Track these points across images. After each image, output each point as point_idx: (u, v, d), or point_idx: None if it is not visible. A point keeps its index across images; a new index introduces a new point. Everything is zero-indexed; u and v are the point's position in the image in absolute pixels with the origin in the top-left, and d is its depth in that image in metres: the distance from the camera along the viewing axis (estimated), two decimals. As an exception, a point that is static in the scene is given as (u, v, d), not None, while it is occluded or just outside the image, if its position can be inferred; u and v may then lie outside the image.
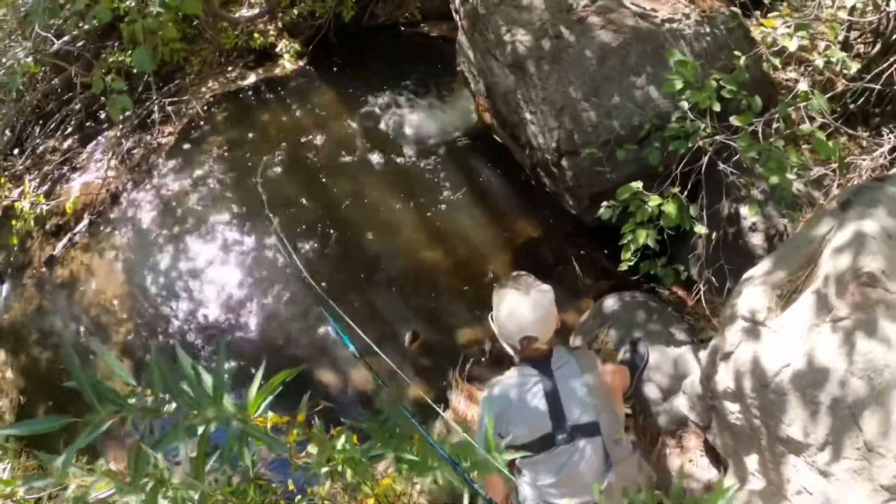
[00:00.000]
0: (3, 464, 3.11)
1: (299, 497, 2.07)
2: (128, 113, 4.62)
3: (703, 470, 2.62)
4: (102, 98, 4.83)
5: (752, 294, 1.99)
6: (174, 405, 1.31)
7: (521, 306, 2.00)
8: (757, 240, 2.98)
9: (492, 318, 2.12)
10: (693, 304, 3.17)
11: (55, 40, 3.83)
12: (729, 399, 2.07)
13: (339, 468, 1.66)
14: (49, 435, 1.59)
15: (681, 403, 2.59)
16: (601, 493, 1.60)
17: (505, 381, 2.07)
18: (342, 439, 1.68)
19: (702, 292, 2.85)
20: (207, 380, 1.33)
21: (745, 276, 2.15)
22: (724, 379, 2.04)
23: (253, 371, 3.34)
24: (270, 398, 1.38)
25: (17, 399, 3.75)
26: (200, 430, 1.30)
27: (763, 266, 2.12)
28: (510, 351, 2.11)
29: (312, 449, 1.76)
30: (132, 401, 1.29)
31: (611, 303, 3.19)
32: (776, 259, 2.09)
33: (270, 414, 1.62)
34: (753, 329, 1.93)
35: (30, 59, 3.15)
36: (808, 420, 1.74)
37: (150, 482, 1.56)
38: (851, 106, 3.14)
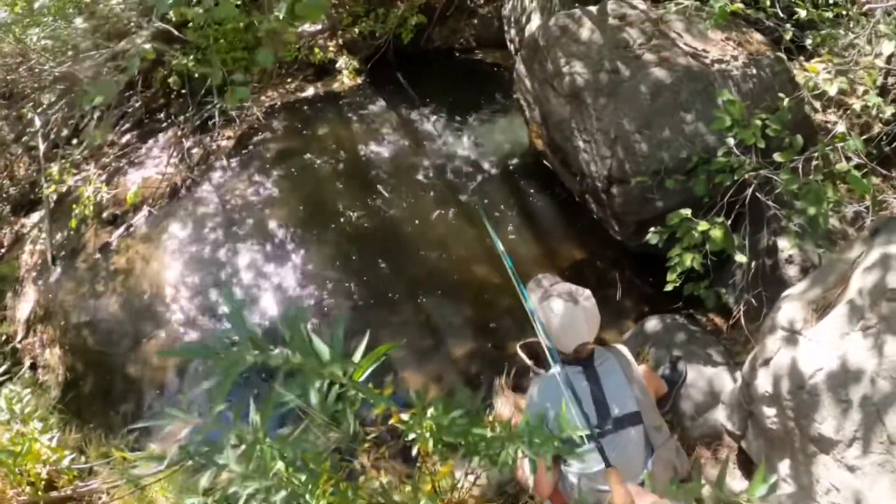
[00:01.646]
0: (50, 433, 3.44)
1: (363, 477, 2.38)
2: (188, 114, 5.11)
3: (735, 480, 2.96)
4: (162, 100, 5.34)
5: (791, 307, 2.39)
6: (297, 360, 1.61)
7: (576, 317, 2.31)
8: (793, 271, 3.35)
9: (534, 321, 2.36)
10: (729, 330, 3.55)
11: (174, 31, 4.29)
12: (766, 403, 2.44)
13: (428, 433, 1.98)
14: (92, 411, 1.87)
15: (718, 414, 2.95)
16: (649, 477, 1.95)
17: (549, 375, 2.36)
18: (433, 408, 2.01)
19: (741, 315, 3.23)
20: (321, 347, 1.61)
21: (784, 294, 2.55)
22: (763, 383, 2.42)
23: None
24: (375, 365, 1.70)
25: (64, 375, 4.09)
26: (318, 384, 1.62)
27: (800, 286, 2.52)
28: (554, 355, 2.34)
29: (405, 415, 2.09)
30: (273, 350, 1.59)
31: (653, 324, 3.56)
32: (812, 279, 2.49)
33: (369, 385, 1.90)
34: (791, 338, 2.32)
35: (148, 45, 3.61)
36: (839, 417, 2.11)
37: (250, 438, 1.88)
38: (886, 149, 3.53)
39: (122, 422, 3.69)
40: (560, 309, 2.35)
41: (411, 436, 1.95)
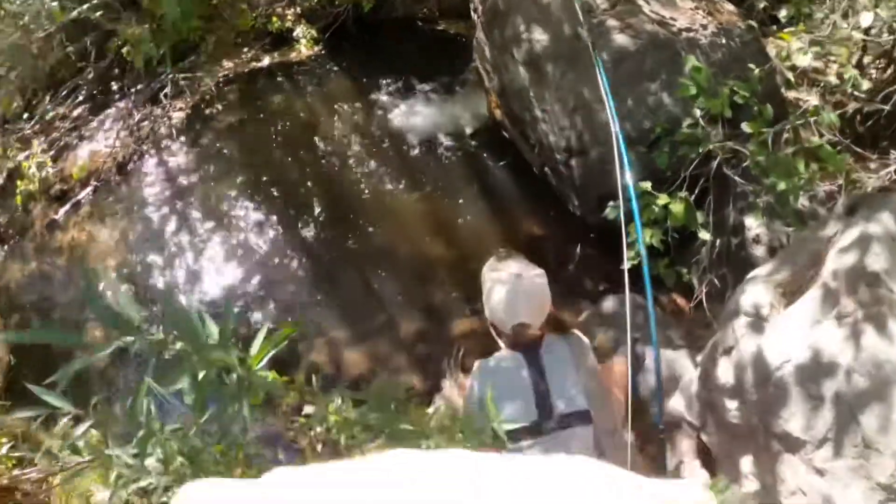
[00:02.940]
0: (-15, 423, 3.10)
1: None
2: (140, 86, 4.66)
3: (694, 472, 2.63)
4: (116, 70, 4.88)
5: (756, 290, 2.03)
6: (178, 346, 1.30)
7: (515, 292, 1.96)
8: (760, 251, 3.01)
9: (484, 302, 2.07)
10: (691, 311, 3.21)
11: None
12: (727, 395, 2.09)
13: (334, 430, 1.66)
14: (37, 397, 1.59)
15: (676, 403, 2.61)
16: None
17: (496, 363, 2.03)
18: (338, 400, 1.68)
19: (703, 296, 2.88)
20: (213, 328, 1.34)
21: (750, 275, 2.19)
22: (725, 374, 2.07)
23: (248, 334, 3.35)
24: (273, 352, 1.38)
25: (6, 360, 3.73)
26: (202, 374, 1.31)
27: (767, 266, 2.16)
28: (498, 339, 2.07)
29: (309, 409, 1.76)
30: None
31: (610, 304, 3.22)
32: (781, 259, 2.13)
33: (271, 373, 1.60)
34: (756, 324, 1.96)
35: (55, 3, 3.18)
36: (808, 415, 1.77)
37: (143, 431, 1.56)
38: (861, 128, 3.20)
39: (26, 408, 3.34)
40: (498, 281, 2.01)
41: (317, 429, 1.64)
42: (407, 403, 1.65)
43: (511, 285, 1.97)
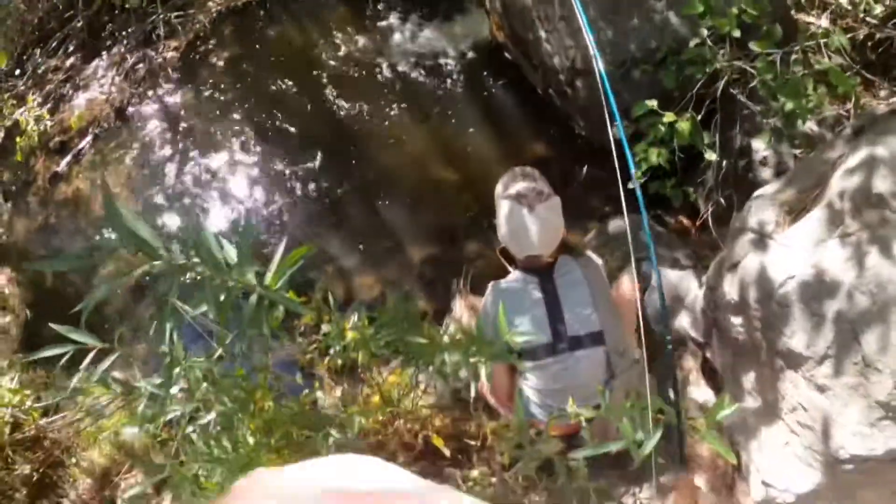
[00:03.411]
0: (10, 375, 3.22)
1: (307, 391, 2.14)
2: (132, 28, 4.54)
3: (699, 389, 2.76)
4: (105, 17, 4.73)
5: (762, 208, 2.07)
6: (199, 269, 1.27)
7: (527, 225, 1.99)
8: (766, 174, 3.02)
9: (497, 223, 2.11)
10: (697, 232, 3.26)
11: None
12: (732, 311, 2.18)
13: (351, 348, 1.73)
14: (55, 344, 1.64)
15: (682, 321, 2.71)
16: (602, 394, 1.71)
17: (509, 284, 2.09)
18: (355, 317, 1.74)
19: (709, 216, 2.93)
20: (231, 251, 1.34)
21: (756, 193, 2.22)
22: (729, 290, 2.14)
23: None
24: (291, 271, 1.39)
25: (23, 315, 3.82)
26: (223, 296, 1.31)
27: (774, 185, 2.20)
28: (508, 264, 2.15)
29: (326, 327, 1.83)
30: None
31: (616, 224, 3.27)
32: (787, 179, 2.17)
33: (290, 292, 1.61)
34: (761, 241, 2.02)
35: None
36: (810, 332, 1.85)
37: (167, 360, 1.62)
38: (871, 55, 3.13)
39: (83, 354, 3.45)
40: (510, 213, 2.02)
41: (335, 348, 1.72)
42: (420, 320, 1.71)
43: (522, 217, 1.99)
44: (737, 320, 2.20)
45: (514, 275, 2.13)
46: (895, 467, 1.71)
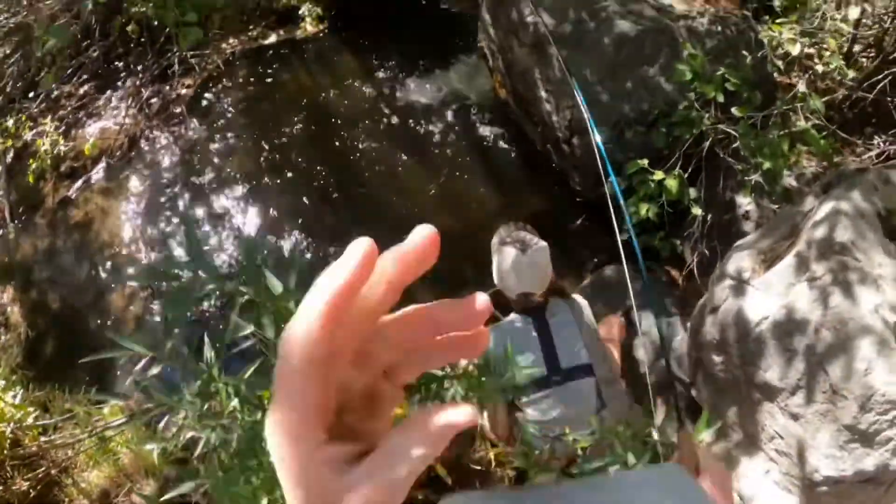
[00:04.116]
0: (13, 391, 3.36)
1: None
2: (147, 62, 4.86)
3: (684, 426, 2.98)
4: (120, 49, 5.07)
5: (740, 257, 2.37)
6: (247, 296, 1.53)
7: (520, 265, 2.28)
8: (749, 227, 3.34)
9: (493, 270, 2.38)
10: (683, 281, 3.55)
11: None
12: (713, 350, 2.44)
13: None
14: (56, 367, 1.82)
15: (671, 363, 2.97)
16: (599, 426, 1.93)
17: (509, 321, 2.37)
18: None
19: (694, 266, 3.22)
20: (274, 281, 1.59)
21: (736, 244, 2.53)
22: (711, 330, 2.41)
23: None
24: None
25: (25, 333, 3.97)
26: (270, 317, 1.57)
27: (752, 237, 2.51)
28: (509, 300, 2.40)
29: None
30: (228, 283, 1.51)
31: (609, 273, 3.55)
32: (763, 231, 2.47)
33: None
34: (739, 286, 2.30)
35: None
36: (783, 366, 2.12)
37: (205, 375, 1.82)
38: (848, 114, 3.50)
39: (86, 376, 3.60)
40: (506, 255, 2.31)
41: None
42: None
43: (516, 258, 2.28)
44: (718, 358, 2.47)
45: (512, 316, 2.41)
46: (864, 487, 1.94)
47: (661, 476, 0.51)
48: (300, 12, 5.00)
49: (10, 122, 4.61)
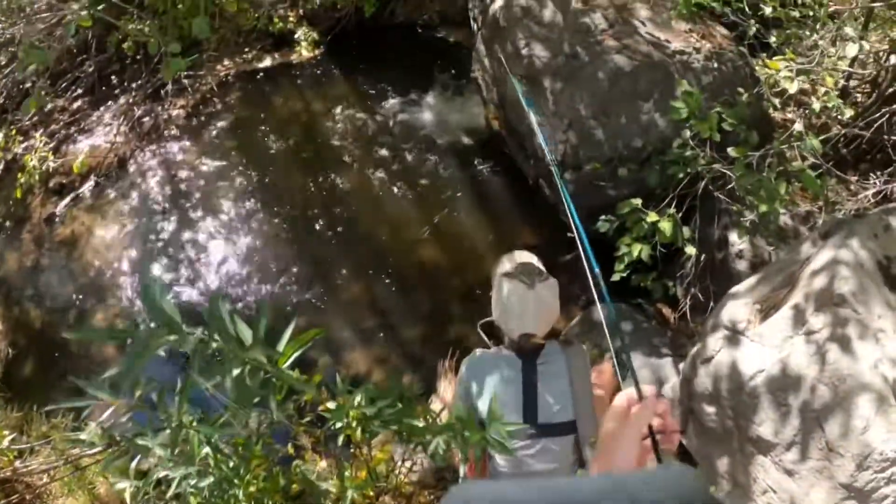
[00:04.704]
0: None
1: (297, 462, 2.24)
2: (141, 81, 4.78)
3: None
4: (117, 65, 5.00)
5: (735, 306, 2.26)
6: (215, 346, 1.46)
7: (525, 302, 2.00)
8: (742, 266, 3.25)
9: (493, 301, 2.11)
10: (676, 322, 3.44)
11: None
12: (706, 401, 2.32)
13: (353, 424, 1.84)
14: (35, 388, 1.74)
15: (659, 408, 2.84)
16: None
17: (490, 355, 2.10)
18: (359, 396, 1.86)
19: (687, 308, 3.11)
20: (244, 330, 1.50)
21: (731, 291, 2.42)
22: (703, 381, 2.29)
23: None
24: (300, 351, 1.55)
25: (5, 351, 3.84)
26: (236, 371, 1.48)
27: (747, 283, 2.39)
28: (488, 339, 2.25)
29: (331, 404, 1.94)
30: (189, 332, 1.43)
31: (599, 312, 3.43)
32: (760, 278, 2.36)
33: (296, 371, 1.73)
34: (733, 337, 2.19)
35: (84, 13, 3.31)
36: (778, 421, 2.00)
37: (174, 423, 1.74)
38: (844, 151, 3.44)
39: (64, 398, 3.46)
40: (511, 289, 2.03)
41: (337, 424, 1.82)
42: (415, 402, 1.82)
43: (523, 294, 2.01)
44: (710, 409, 2.34)
45: (495, 350, 2.15)
46: (858, 552, 1.82)
47: (666, 476, 0.55)
48: (296, 36, 4.95)
49: (0, 135, 4.52)
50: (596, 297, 1.69)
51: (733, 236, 3.20)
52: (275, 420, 1.82)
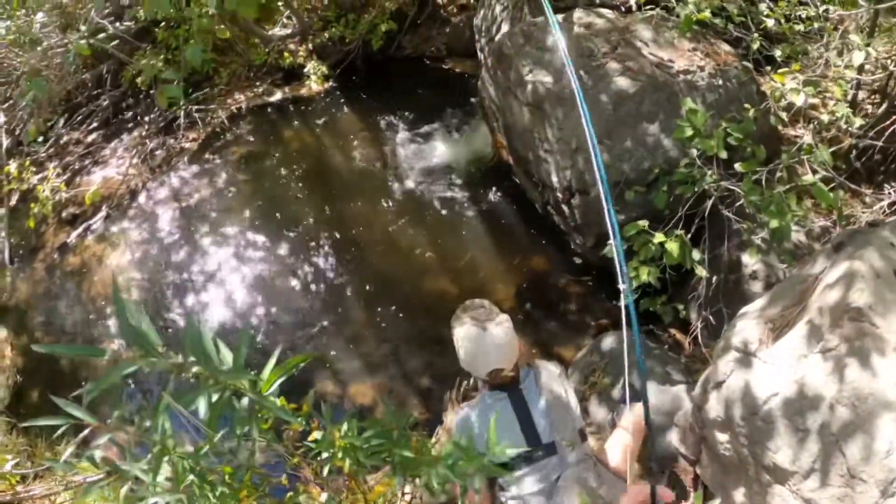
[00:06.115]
0: (-5, 436, 3.16)
1: (290, 494, 2.11)
2: (154, 115, 4.83)
3: (690, 506, 2.66)
4: (131, 99, 5.07)
5: (746, 326, 2.10)
6: (195, 369, 1.38)
7: (482, 343, 2.07)
8: (757, 287, 3.08)
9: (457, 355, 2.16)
10: (690, 346, 3.27)
11: (110, 27, 4.04)
12: (718, 428, 2.15)
13: (339, 455, 1.72)
14: (41, 415, 1.66)
15: (672, 437, 2.66)
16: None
17: (476, 407, 2.14)
18: (346, 426, 1.75)
19: (699, 331, 2.95)
20: (227, 354, 1.41)
21: (741, 311, 2.26)
22: (715, 407, 2.13)
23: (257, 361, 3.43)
24: (283, 378, 1.46)
25: (14, 378, 3.82)
26: (216, 396, 1.39)
27: (758, 303, 2.24)
28: (478, 381, 2.20)
29: (317, 434, 1.83)
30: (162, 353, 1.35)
31: (609, 341, 3.27)
32: (772, 296, 2.21)
33: (280, 399, 1.65)
34: (745, 359, 2.03)
35: (83, 41, 3.35)
36: (795, 447, 1.83)
37: (157, 448, 1.64)
38: (856, 164, 3.28)
39: (70, 426, 3.39)
40: (465, 335, 2.10)
41: (324, 455, 1.71)
42: (409, 433, 1.71)
43: (477, 339, 2.07)
44: (723, 437, 2.17)
45: (482, 393, 2.16)
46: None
47: None
48: (306, 70, 4.97)
49: (14, 167, 4.59)
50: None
51: (746, 257, 3.05)
52: (256, 450, 1.71)
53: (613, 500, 2.02)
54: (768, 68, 3.53)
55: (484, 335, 2.07)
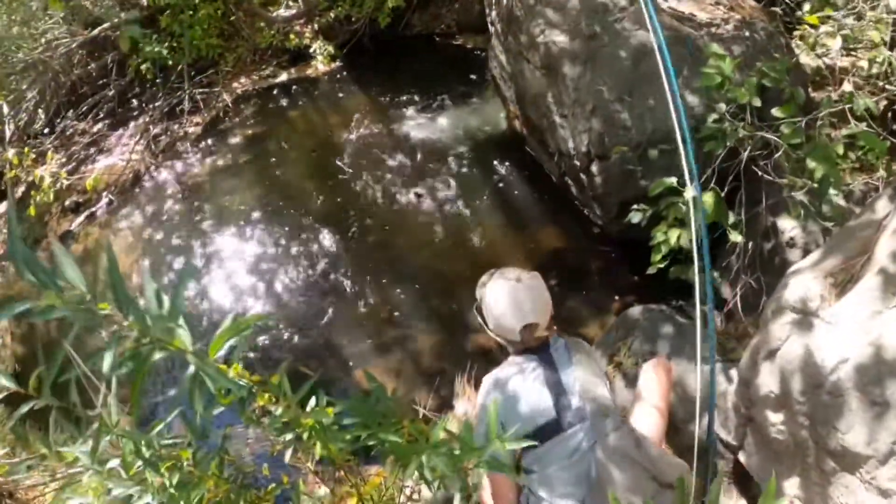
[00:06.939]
0: (-11, 427, 2.94)
1: (272, 485, 1.79)
2: (158, 101, 4.57)
3: (730, 500, 2.27)
4: (137, 88, 4.82)
5: (802, 282, 1.71)
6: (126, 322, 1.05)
7: (517, 295, 1.91)
8: (795, 256, 2.68)
9: (479, 315, 2.01)
10: (724, 321, 2.87)
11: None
12: (770, 406, 1.76)
13: (306, 436, 1.38)
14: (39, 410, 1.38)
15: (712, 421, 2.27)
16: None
17: (504, 371, 1.91)
18: (312, 401, 1.40)
19: (737, 303, 2.55)
20: (162, 300, 1.09)
21: (792, 269, 1.87)
22: (767, 381, 1.74)
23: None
24: (234, 341, 1.12)
25: (12, 367, 3.60)
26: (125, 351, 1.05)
27: (813, 256, 1.85)
28: (508, 346, 1.96)
29: (277, 409, 1.49)
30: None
31: (636, 314, 2.89)
32: (827, 248, 1.82)
33: (234, 366, 1.31)
34: (804, 321, 1.64)
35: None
36: (871, 424, 1.44)
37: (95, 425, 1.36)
38: (894, 126, 2.86)
39: (66, 416, 3.14)
40: (498, 289, 1.94)
41: (287, 436, 1.36)
42: (397, 414, 1.38)
43: (512, 289, 1.92)
44: (776, 417, 1.78)
45: (510, 360, 1.93)
46: None
47: None
48: (312, 51, 4.67)
49: (11, 153, 4.37)
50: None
51: (783, 222, 2.65)
52: (207, 428, 1.39)
53: (658, 475, 1.69)
54: (794, 26, 3.10)
55: (519, 286, 1.92)
